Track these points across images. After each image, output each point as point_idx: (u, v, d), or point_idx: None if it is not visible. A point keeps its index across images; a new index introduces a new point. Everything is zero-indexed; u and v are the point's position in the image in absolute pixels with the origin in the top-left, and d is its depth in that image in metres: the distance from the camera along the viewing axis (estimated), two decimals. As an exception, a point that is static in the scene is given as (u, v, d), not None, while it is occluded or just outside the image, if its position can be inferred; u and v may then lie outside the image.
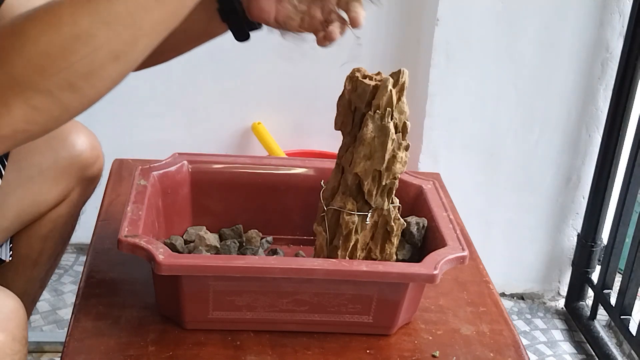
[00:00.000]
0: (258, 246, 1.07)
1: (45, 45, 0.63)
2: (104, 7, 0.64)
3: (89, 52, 0.64)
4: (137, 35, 0.66)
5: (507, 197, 1.93)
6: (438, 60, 1.77)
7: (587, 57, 1.79)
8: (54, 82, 0.64)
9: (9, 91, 0.63)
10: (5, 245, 1.23)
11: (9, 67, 0.63)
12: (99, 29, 0.64)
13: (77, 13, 0.63)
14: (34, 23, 0.63)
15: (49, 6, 0.65)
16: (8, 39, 0.63)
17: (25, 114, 0.65)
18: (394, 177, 0.90)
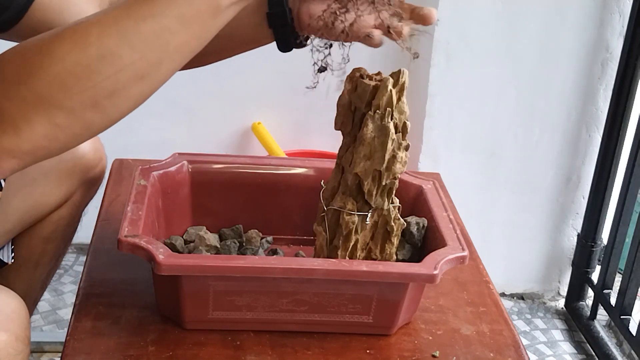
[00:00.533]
0: (258, 246, 1.07)
1: (71, 65, 0.64)
2: (131, 29, 0.65)
3: (114, 72, 0.65)
4: (162, 57, 0.67)
5: (507, 197, 1.93)
6: (438, 60, 1.77)
7: (587, 57, 1.79)
8: (77, 100, 0.65)
9: (32, 107, 0.64)
10: (7, 247, 1.23)
11: (34, 83, 0.64)
12: (125, 51, 0.65)
13: (104, 34, 0.65)
14: (61, 42, 0.65)
15: (77, 26, 0.66)
16: (35, 56, 0.65)
17: (47, 131, 0.66)
18: (394, 177, 0.90)
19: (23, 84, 0.64)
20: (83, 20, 0.67)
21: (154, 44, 0.67)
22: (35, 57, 0.65)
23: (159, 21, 0.66)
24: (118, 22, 0.66)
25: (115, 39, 0.65)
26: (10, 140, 0.65)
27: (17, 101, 0.65)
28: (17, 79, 0.65)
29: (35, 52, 0.65)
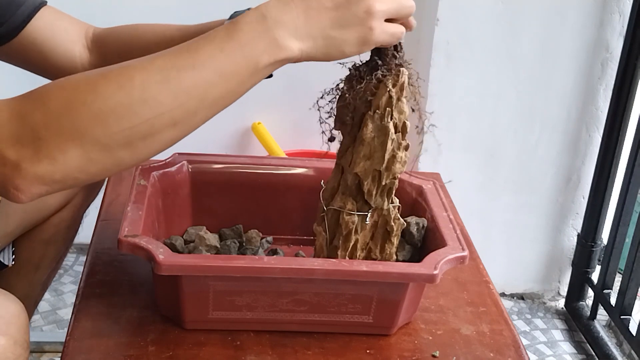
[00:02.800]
0: (258, 246, 1.07)
1: (113, 104, 0.68)
2: (174, 78, 0.70)
3: (152, 117, 0.70)
4: (199, 107, 0.72)
5: (507, 197, 1.93)
6: (438, 60, 1.77)
7: (587, 57, 1.79)
8: (114, 138, 0.69)
9: (71, 140, 0.68)
10: (8, 250, 1.23)
11: (76, 118, 0.68)
12: (166, 98, 0.70)
13: (148, 80, 0.69)
14: (107, 82, 0.69)
15: (123, 68, 0.70)
16: (80, 93, 0.68)
17: (81, 163, 0.69)
18: (394, 177, 0.90)
19: (65, 117, 0.68)
20: (129, 64, 0.71)
21: (192, 94, 0.71)
22: (79, 93, 0.68)
23: (199, 73, 0.71)
24: (162, 71, 0.70)
25: (158, 86, 0.69)
26: (44, 169, 0.68)
27: (57, 133, 0.68)
28: (60, 111, 0.68)
29: (80, 88, 0.69)
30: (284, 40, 0.73)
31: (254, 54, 0.72)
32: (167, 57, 0.71)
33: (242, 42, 0.72)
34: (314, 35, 0.75)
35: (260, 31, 0.72)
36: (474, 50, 1.77)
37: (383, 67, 0.85)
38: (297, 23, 0.74)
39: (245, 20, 0.73)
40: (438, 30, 1.74)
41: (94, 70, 0.72)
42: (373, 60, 0.85)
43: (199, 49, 0.71)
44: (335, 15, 0.75)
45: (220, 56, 0.71)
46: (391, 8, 0.77)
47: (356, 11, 0.75)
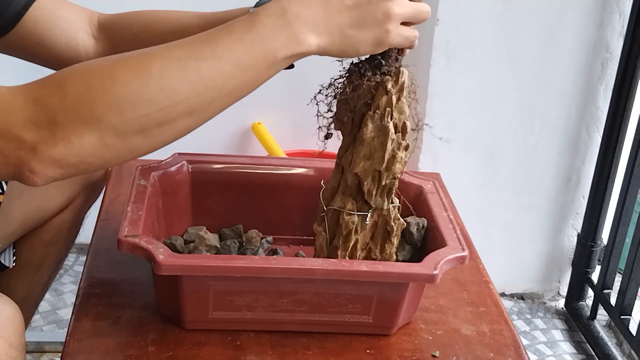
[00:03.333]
0: (258, 246, 1.07)
1: (130, 92, 0.69)
2: (192, 67, 0.70)
3: (169, 105, 0.70)
4: (215, 97, 0.72)
5: (507, 197, 1.93)
6: (438, 60, 1.77)
7: (587, 57, 1.79)
8: (129, 125, 0.69)
9: (87, 125, 0.68)
10: (9, 251, 1.23)
11: (93, 104, 0.68)
12: (183, 87, 0.70)
13: (166, 68, 0.70)
14: (124, 69, 0.69)
15: (140, 56, 0.70)
16: (97, 79, 0.69)
17: (95, 148, 0.70)
18: (394, 177, 0.90)
19: (82, 102, 0.68)
20: (147, 52, 0.71)
21: (210, 84, 0.71)
22: (97, 79, 0.69)
23: (217, 64, 0.71)
24: (180, 60, 0.70)
25: (176, 74, 0.70)
26: (59, 152, 0.69)
27: (74, 117, 0.68)
28: (77, 96, 0.68)
29: (98, 74, 0.69)
30: (303, 35, 0.74)
31: (272, 46, 0.73)
32: (186, 46, 0.72)
33: (261, 35, 0.72)
34: (331, 32, 0.75)
35: (280, 25, 0.73)
36: (474, 50, 1.77)
37: (385, 67, 0.85)
38: (316, 18, 0.74)
39: (265, 12, 0.73)
40: (438, 30, 1.74)
41: (112, 56, 0.72)
42: (375, 59, 0.85)
43: (218, 40, 0.72)
44: (354, 14, 0.76)
45: (239, 47, 0.72)
46: (408, 12, 0.78)
47: (375, 12, 0.76)
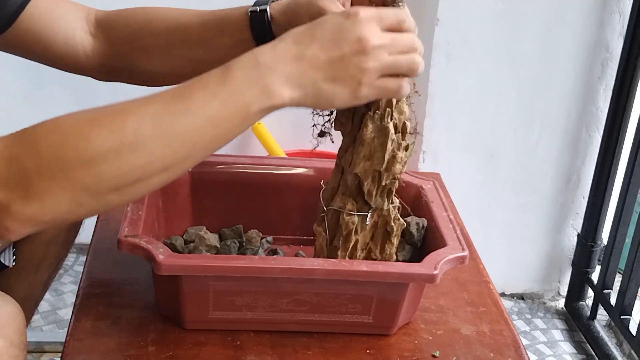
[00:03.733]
0: (258, 246, 1.07)
1: (105, 152, 0.69)
2: (167, 125, 0.70)
3: (143, 164, 0.70)
4: (189, 153, 0.73)
5: (507, 197, 1.93)
6: (438, 60, 1.77)
7: (587, 57, 1.79)
8: (104, 185, 0.70)
9: (61, 186, 0.69)
10: (9, 250, 1.22)
11: (67, 165, 0.69)
12: (157, 146, 0.70)
13: (141, 127, 0.70)
14: (99, 129, 0.69)
15: (115, 114, 0.70)
16: (71, 139, 0.69)
17: (69, 207, 0.70)
18: (394, 177, 0.90)
19: (56, 163, 0.68)
20: (121, 108, 0.71)
21: (185, 141, 0.72)
22: (71, 139, 0.69)
23: (192, 121, 0.71)
24: (155, 118, 0.70)
25: (151, 134, 0.70)
26: (33, 211, 0.69)
27: (47, 178, 0.69)
28: (52, 157, 0.69)
29: (72, 134, 0.69)
30: (276, 89, 0.73)
31: (246, 100, 0.73)
32: (160, 101, 0.72)
33: (235, 89, 0.72)
34: (305, 86, 0.75)
35: (253, 78, 0.73)
36: (474, 50, 1.77)
37: None
38: (290, 72, 0.74)
39: (239, 65, 0.73)
40: (438, 30, 1.74)
41: (86, 111, 0.72)
42: None
43: (192, 95, 0.72)
44: (328, 69, 0.75)
45: (213, 103, 0.72)
46: (386, 65, 0.76)
47: (349, 67, 0.75)
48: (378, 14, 0.76)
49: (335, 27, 0.75)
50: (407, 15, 0.79)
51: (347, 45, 0.74)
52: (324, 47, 0.74)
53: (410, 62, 0.78)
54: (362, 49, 0.74)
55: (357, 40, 0.74)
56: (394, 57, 0.76)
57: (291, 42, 0.75)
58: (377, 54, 0.75)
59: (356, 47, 0.74)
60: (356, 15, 0.75)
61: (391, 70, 0.77)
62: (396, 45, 0.76)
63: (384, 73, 0.77)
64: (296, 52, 0.74)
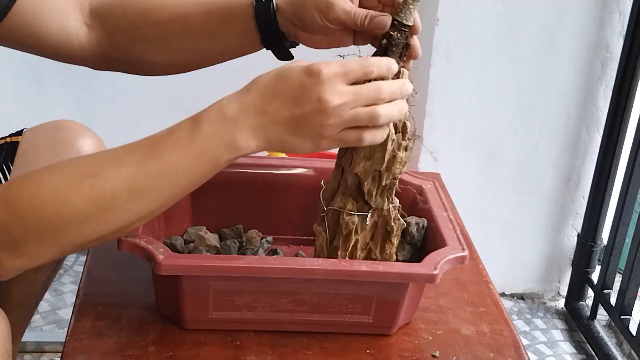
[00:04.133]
0: (258, 246, 1.07)
1: (87, 216, 0.75)
2: (142, 186, 0.76)
3: (122, 219, 0.78)
4: (164, 204, 0.79)
5: (507, 197, 1.93)
6: (438, 60, 1.77)
7: (587, 57, 1.79)
8: (87, 239, 0.78)
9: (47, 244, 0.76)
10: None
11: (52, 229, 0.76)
12: (134, 205, 0.77)
13: (118, 190, 0.76)
14: (79, 195, 0.75)
15: (93, 178, 0.76)
16: (54, 205, 0.75)
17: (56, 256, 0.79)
18: (394, 177, 0.90)
19: (42, 228, 0.75)
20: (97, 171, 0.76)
21: (158, 197, 0.78)
22: (54, 207, 0.75)
23: (165, 180, 0.77)
24: (130, 181, 0.76)
25: (127, 195, 0.76)
26: (22, 263, 0.77)
27: (35, 240, 0.76)
28: (37, 224, 0.75)
29: (55, 200, 0.75)
30: (243, 142, 0.77)
31: (215, 154, 0.77)
32: (134, 163, 0.76)
33: (204, 145, 0.77)
34: (269, 138, 0.78)
35: (221, 133, 0.77)
36: (474, 50, 1.77)
37: None
38: (254, 125, 0.77)
39: (207, 120, 0.78)
40: (438, 30, 1.74)
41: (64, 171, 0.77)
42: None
43: (164, 155, 0.77)
44: (291, 125, 0.77)
45: (184, 160, 0.77)
46: (346, 121, 0.78)
47: (310, 124, 0.77)
48: (342, 69, 0.77)
49: (297, 86, 0.77)
50: (376, 62, 0.80)
51: (308, 105, 0.76)
52: (286, 105, 0.77)
53: (371, 115, 0.79)
54: (322, 109, 0.76)
55: (317, 101, 0.76)
56: (354, 111, 0.78)
57: (256, 96, 0.78)
58: (337, 112, 0.77)
59: (316, 107, 0.76)
60: (318, 74, 0.76)
61: (352, 124, 0.79)
62: (359, 100, 0.78)
63: (345, 127, 0.79)
64: (260, 106, 0.77)
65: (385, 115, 0.79)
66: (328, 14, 0.87)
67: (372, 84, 0.79)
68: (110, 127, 1.73)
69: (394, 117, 0.80)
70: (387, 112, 0.79)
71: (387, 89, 0.79)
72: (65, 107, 1.85)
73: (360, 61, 0.79)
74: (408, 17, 0.85)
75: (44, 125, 1.15)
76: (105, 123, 1.64)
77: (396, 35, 0.85)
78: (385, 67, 0.80)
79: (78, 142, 1.18)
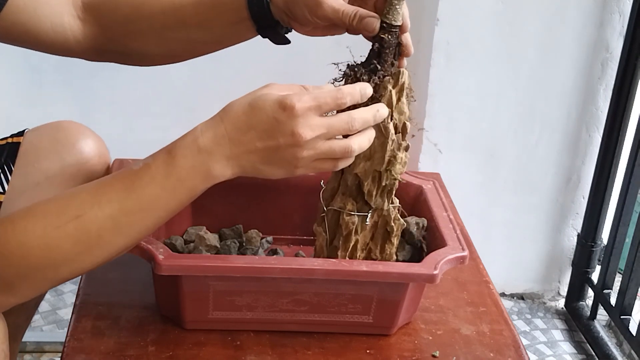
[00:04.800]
0: (258, 246, 1.07)
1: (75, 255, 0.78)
2: (125, 223, 0.79)
3: (109, 252, 0.80)
4: (146, 232, 0.81)
5: (507, 197, 1.93)
6: (438, 60, 1.77)
7: (587, 57, 1.79)
8: (78, 271, 0.81)
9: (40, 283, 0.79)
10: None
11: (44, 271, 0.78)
12: (119, 239, 0.79)
13: (103, 229, 0.78)
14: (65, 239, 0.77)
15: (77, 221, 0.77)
16: (44, 252, 0.77)
17: (46, 289, 0.82)
18: (394, 177, 0.90)
19: (33, 272, 0.78)
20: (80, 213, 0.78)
21: (141, 229, 0.80)
22: (43, 252, 0.77)
23: (146, 213, 0.79)
24: (113, 220, 0.78)
25: (112, 232, 0.78)
26: (16, 300, 0.80)
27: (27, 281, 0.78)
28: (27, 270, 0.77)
29: (43, 248, 0.77)
30: (217, 171, 0.79)
31: (191, 186, 0.79)
32: (115, 199, 0.78)
33: (181, 178, 0.79)
34: (243, 166, 0.80)
35: (196, 165, 0.79)
36: (474, 50, 1.77)
37: (380, 72, 0.85)
38: (228, 155, 0.79)
39: (182, 152, 0.79)
40: (438, 30, 1.74)
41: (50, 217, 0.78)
42: (371, 63, 0.85)
43: (143, 189, 0.78)
44: (264, 154, 0.79)
45: (162, 193, 0.79)
46: (319, 153, 0.80)
47: (284, 156, 0.79)
48: (316, 102, 0.78)
49: (270, 119, 0.78)
50: (350, 92, 0.81)
51: (282, 138, 0.78)
52: (260, 137, 0.78)
53: (344, 150, 0.81)
54: (295, 142, 0.78)
55: (291, 134, 0.78)
56: (328, 146, 0.80)
57: (230, 127, 0.79)
58: (311, 145, 0.79)
59: (290, 140, 0.78)
60: (292, 109, 0.77)
61: (325, 156, 0.81)
62: (332, 132, 0.80)
63: (318, 158, 0.81)
64: (234, 137, 0.79)
65: (358, 148, 0.82)
66: (316, 11, 0.87)
67: (345, 115, 0.81)
68: (111, 127, 1.73)
69: (364, 147, 0.83)
70: (359, 146, 0.82)
71: (360, 119, 0.81)
72: (65, 107, 1.85)
73: (333, 93, 0.80)
74: (396, 18, 0.85)
75: (45, 126, 1.15)
76: (106, 123, 1.64)
77: (387, 38, 0.85)
78: (359, 95, 0.82)
79: (79, 143, 1.18)
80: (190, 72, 1.83)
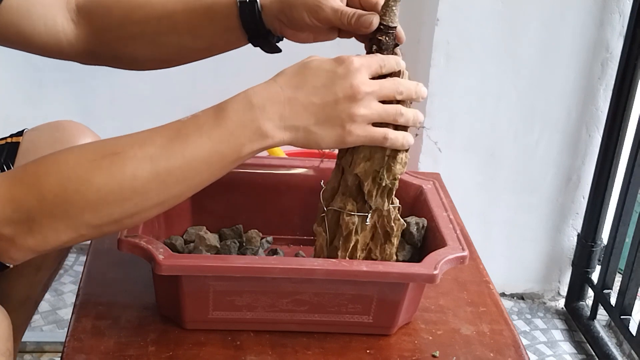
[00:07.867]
0: (258, 246, 1.07)
1: (106, 194, 0.74)
2: (163, 168, 0.75)
3: (141, 201, 0.76)
4: (184, 190, 0.78)
5: (507, 197, 1.93)
6: (438, 60, 1.77)
7: (587, 57, 1.79)
8: (104, 220, 0.75)
9: (63, 223, 0.74)
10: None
11: (70, 206, 0.74)
12: (156, 186, 0.75)
13: (139, 170, 0.74)
14: (99, 171, 0.74)
15: (114, 156, 0.74)
16: (73, 183, 0.73)
17: (70, 238, 0.76)
18: (394, 177, 0.90)
19: (59, 204, 0.73)
20: (120, 149, 0.75)
21: (179, 181, 0.77)
22: (72, 182, 0.73)
23: (188, 163, 0.76)
24: (152, 160, 0.75)
25: (148, 176, 0.75)
26: (36, 243, 0.75)
27: (50, 217, 0.74)
28: (54, 200, 0.73)
29: (73, 177, 0.74)
30: (269, 131, 0.77)
31: (239, 142, 0.77)
32: (158, 144, 0.75)
33: (229, 131, 0.76)
34: (296, 128, 0.78)
35: (247, 120, 0.76)
36: (474, 50, 1.77)
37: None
38: (282, 114, 0.77)
39: (233, 107, 0.77)
40: (438, 30, 1.74)
41: (84, 150, 0.76)
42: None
43: (188, 137, 0.76)
44: (320, 112, 0.78)
45: (207, 145, 0.76)
46: (375, 114, 0.80)
47: (341, 112, 0.78)
48: (367, 61, 0.80)
49: (328, 73, 0.78)
50: (386, 58, 0.83)
51: (340, 91, 0.78)
52: (317, 91, 0.78)
53: (396, 111, 0.81)
54: (354, 95, 0.78)
55: (350, 87, 0.78)
56: (382, 106, 0.80)
57: (285, 85, 0.78)
58: (367, 101, 0.79)
59: (349, 92, 0.78)
60: (351, 63, 0.78)
61: (379, 118, 0.81)
62: (382, 91, 0.80)
63: (371, 122, 0.80)
64: (289, 94, 0.77)
65: (406, 114, 0.82)
66: (318, 13, 0.88)
67: (391, 79, 0.82)
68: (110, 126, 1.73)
69: (409, 120, 0.83)
70: (407, 112, 0.82)
71: (405, 84, 0.82)
72: (65, 106, 1.85)
73: (376, 57, 0.82)
74: (393, 19, 0.86)
75: (45, 126, 1.15)
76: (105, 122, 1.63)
77: (385, 40, 0.86)
78: (395, 64, 0.83)
79: (79, 142, 1.18)
80: (190, 72, 1.83)
